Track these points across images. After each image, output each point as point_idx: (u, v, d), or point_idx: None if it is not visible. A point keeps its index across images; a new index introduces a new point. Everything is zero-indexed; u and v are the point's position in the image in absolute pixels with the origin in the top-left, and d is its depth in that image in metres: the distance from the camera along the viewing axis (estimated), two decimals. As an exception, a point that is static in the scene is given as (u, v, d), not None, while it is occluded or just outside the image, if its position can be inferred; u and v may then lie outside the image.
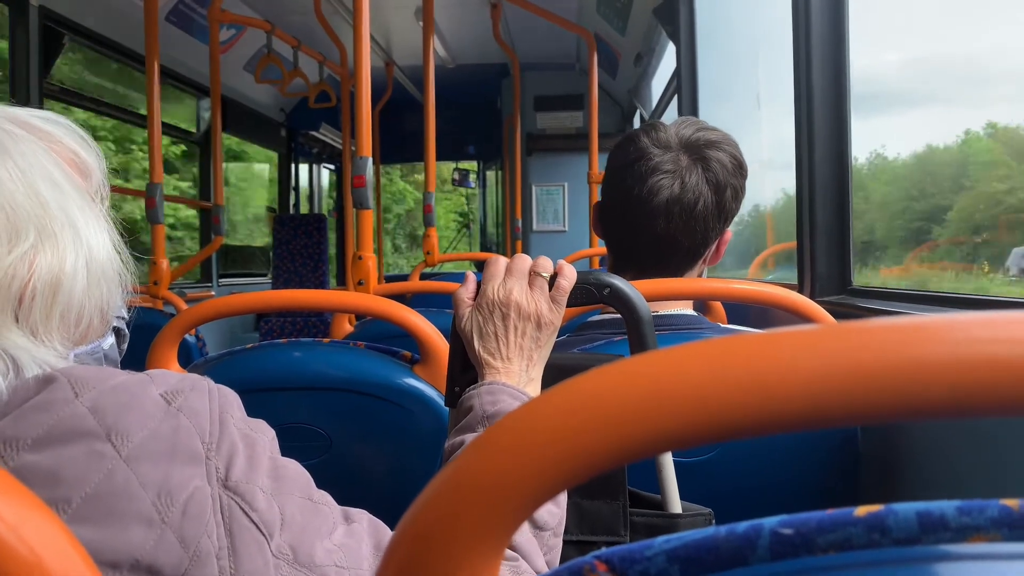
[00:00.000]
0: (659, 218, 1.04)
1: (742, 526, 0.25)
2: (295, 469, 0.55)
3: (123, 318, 0.67)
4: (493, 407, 0.67)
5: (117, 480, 0.45)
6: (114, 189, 0.67)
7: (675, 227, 1.05)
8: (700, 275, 1.15)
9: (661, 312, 1.08)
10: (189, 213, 6.98)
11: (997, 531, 0.24)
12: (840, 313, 1.35)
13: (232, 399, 0.54)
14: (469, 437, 0.66)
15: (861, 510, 0.25)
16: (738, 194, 1.08)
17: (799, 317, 1.06)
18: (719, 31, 3.03)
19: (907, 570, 0.24)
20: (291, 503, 0.52)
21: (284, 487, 0.52)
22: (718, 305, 1.66)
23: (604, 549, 0.26)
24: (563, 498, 0.67)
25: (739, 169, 1.07)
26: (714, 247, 1.11)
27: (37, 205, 0.53)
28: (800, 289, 1.63)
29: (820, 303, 1.12)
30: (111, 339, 0.62)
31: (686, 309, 1.11)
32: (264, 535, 0.49)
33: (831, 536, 0.24)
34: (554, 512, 0.63)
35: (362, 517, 0.57)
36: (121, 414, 0.47)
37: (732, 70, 3.17)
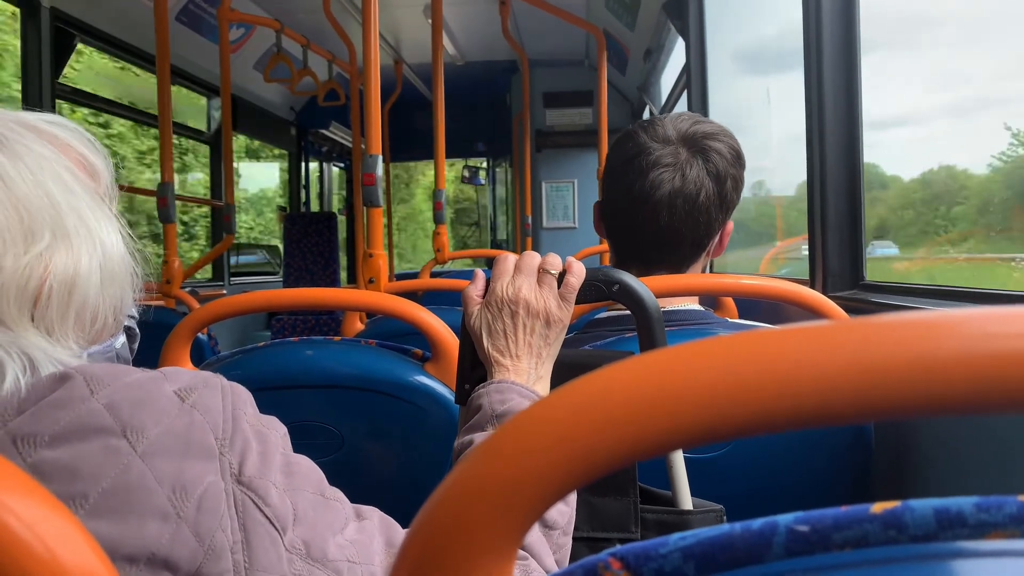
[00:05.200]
0: (662, 211, 1.05)
1: (757, 523, 0.25)
2: (307, 465, 0.55)
3: (134, 317, 0.67)
4: (502, 406, 0.67)
5: (133, 475, 0.45)
6: (126, 189, 0.67)
7: (678, 220, 1.05)
8: (704, 268, 1.15)
9: (668, 308, 1.08)
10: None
11: (1016, 528, 0.24)
12: (852, 308, 1.34)
13: (244, 396, 0.54)
14: (478, 436, 0.66)
15: (877, 506, 0.24)
16: (738, 185, 1.08)
17: (811, 312, 1.05)
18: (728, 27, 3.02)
19: (924, 567, 0.24)
20: (303, 499, 0.52)
21: (296, 483, 0.52)
22: (729, 300, 1.66)
23: (619, 546, 0.25)
24: (573, 497, 0.67)
25: (738, 160, 1.07)
26: (717, 239, 1.11)
27: (50, 206, 0.54)
28: (812, 284, 1.62)
29: (832, 298, 1.11)
30: (122, 338, 0.63)
31: (692, 304, 1.11)
32: (277, 530, 0.49)
33: (847, 533, 0.24)
34: (564, 511, 0.63)
35: (373, 514, 0.57)
36: (136, 410, 0.47)
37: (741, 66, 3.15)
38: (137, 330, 0.69)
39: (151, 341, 0.73)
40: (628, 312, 0.74)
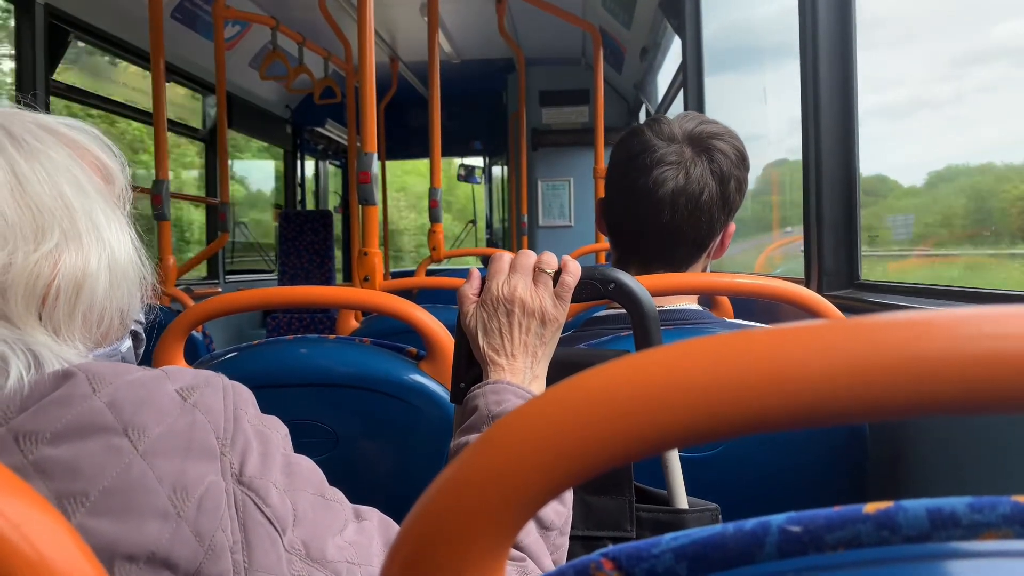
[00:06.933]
0: (664, 209, 1.04)
1: (749, 523, 0.25)
2: (308, 466, 0.55)
3: (140, 322, 0.67)
4: (498, 407, 0.66)
5: (134, 474, 0.45)
6: None
7: (680, 218, 1.05)
8: (705, 269, 1.15)
9: (666, 307, 1.07)
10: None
11: (1009, 528, 0.24)
12: (848, 307, 1.34)
13: (246, 396, 0.54)
14: (474, 437, 0.66)
15: (870, 507, 0.24)
16: (741, 186, 1.08)
17: (806, 312, 1.06)
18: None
19: (917, 568, 0.24)
20: (304, 499, 0.52)
21: (297, 483, 0.52)
22: (724, 300, 1.66)
23: (611, 547, 0.25)
24: (569, 497, 0.66)
25: (742, 161, 1.07)
26: (719, 240, 1.11)
27: (62, 206, 0.55)
28: (807, 283, 1.62)
29: (827, 297, 1.11)
30: (128, 342, 0.63)
31: (691, 304, 1.10)
32: (277, 530, 0.49)
33: (840, 533, 0.24)
34: (560, 511, 0.63)
35: (372, 515, 0.57)
36: (138, 409, 0.47)
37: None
38: (143, 334, 0.69)
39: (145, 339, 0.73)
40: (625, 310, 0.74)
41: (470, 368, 0.75)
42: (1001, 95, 1.67)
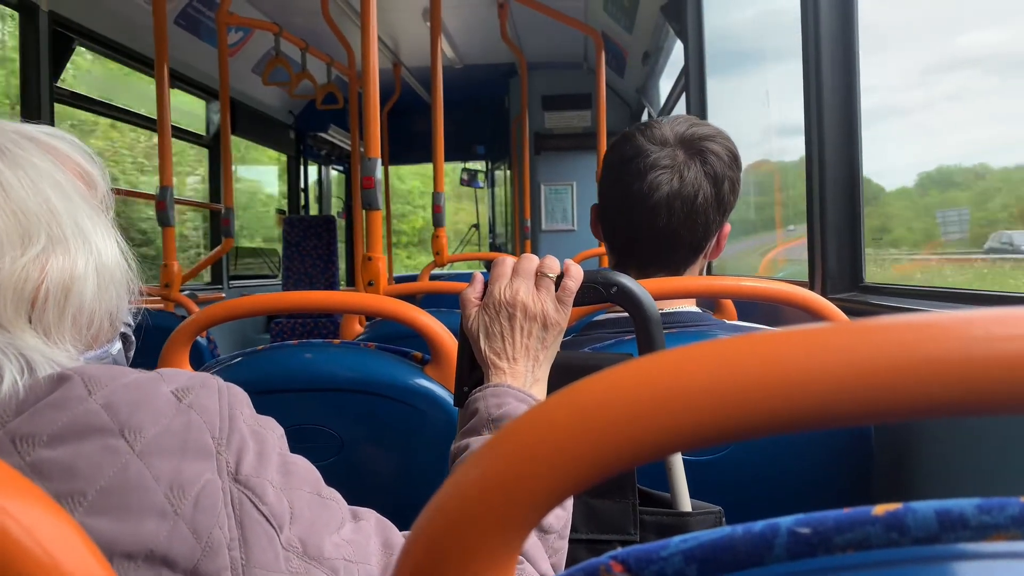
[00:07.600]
0: (660, 213, 1.05)
1: (758, 525, 0.25)
2: (304, 465, 0.55)
3: (130, 325, 0.68)
4: (498, 410, 0.67)
5: (131, 474, 0.46)
6: (125, 193, 0.68)
7: (676, 221, 1.05)
8: (701, 270, 1.15)
9: (665, 310, 1.08)
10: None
11: (1018, 529, 0.24)
12: (851, 310, 1.34)
13: (241, 397, 0.55)
14: (475, 440, 0.67)
15: (879, 509, 0.24)
16: (735, 186, 1.08)
17: (810, 314, 1.05)
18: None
19: (926, 569, 0.24)
20: (300, 498, 0.52)
21: (293, 482, 0.53)
22: (728, 302, 1.66)
23: (620, 549, 0.25)
24: (569, 501, 0.67)
25: (735, 161, 1.08)
26: (714, 241, 1.11)
27: (47, 212, 0.55)
28: (811, 286, 1.62)
29: (831, 300, 1.11)
30: (118, 345, 0.64)
31: (690, 306, 1.11)
32: (274, 528, 0.49)
33: (849, 535, 0.24)
34: (560, 515, 0.63)
35: (370, 515, 0.58)
36: (134, 411, 0.48)
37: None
38: (133, 337, 0.70)
39: (150, 345, 0.73)
40: (627, 314, 0.74)
41: (473, 372, 0.75)
42: (967, 102, 1.68)
